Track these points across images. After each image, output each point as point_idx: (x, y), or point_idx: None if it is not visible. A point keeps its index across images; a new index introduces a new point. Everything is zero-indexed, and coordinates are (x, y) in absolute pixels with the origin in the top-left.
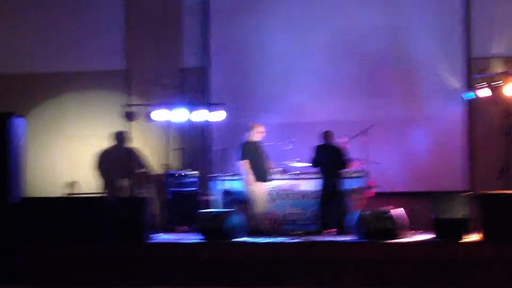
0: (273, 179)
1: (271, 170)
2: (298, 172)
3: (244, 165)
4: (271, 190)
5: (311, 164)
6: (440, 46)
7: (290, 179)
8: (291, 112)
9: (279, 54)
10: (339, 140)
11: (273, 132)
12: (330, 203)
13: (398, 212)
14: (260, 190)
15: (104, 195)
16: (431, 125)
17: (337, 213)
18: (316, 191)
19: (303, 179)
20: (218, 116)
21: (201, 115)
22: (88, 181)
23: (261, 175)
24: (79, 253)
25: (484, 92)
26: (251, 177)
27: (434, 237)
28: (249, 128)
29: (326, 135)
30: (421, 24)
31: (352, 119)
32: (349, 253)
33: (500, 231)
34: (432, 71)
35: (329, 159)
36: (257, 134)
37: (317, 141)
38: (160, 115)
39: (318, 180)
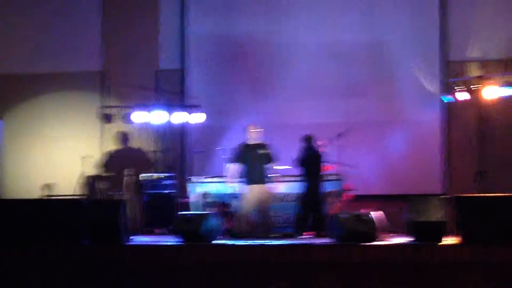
0: (271, 182)
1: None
2: (278, 174)
3: (230, 168)
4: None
5: (296, 164)
6: (417, 49)
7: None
8: (270, 114)
9: (259, 55)
10: (317, 143)
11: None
12: (311, 206)
13: (377, 214)
14: (249, 194)
15: (80, 197)
16: (408, 128)
17: (316, 216)
18: (293, 194)
19: (281, 181)
20: (197, 118)
21: (180, 117)
22: (65, 183)
23: (253, 178)
24: (53, 255)
25: (461, 96)
26: (233, 180)
27: (411, 240)
28: (245, 130)
29: (310, 138)
30: (399, 28)
31: (330, 121)
32: (327, 256)
33: (477, 233)
34: (409, 74)
35: (312, 162)
36: (252, 135)
37: (295, 144)
38: (137, 117)
39: (296, 183)
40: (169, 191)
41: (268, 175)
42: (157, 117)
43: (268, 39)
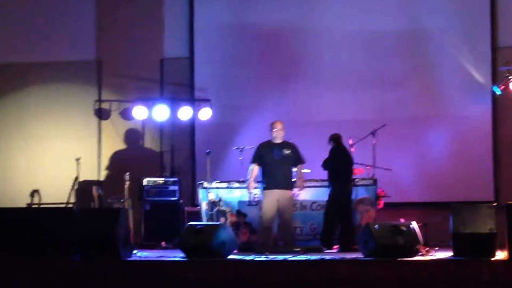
0: (294, 187)
1: (299, 175)
2: (295, 179)
3: (251, 169)
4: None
5: (323, 167)
6: (463, 34)
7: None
8: (289, 110)
9: (275, 42)
10: (348, 143)
11: (266, 132)
12: (339, 215)
13: (411, 225)
14: (268, 200)
15: (73, 205)
16: (452, 124)
17: (345, 227)
18: (319, 201)
19: (307, 187)
20: (207, 113)
21: (187, 113)
22: (56, 189)
23: (272, 182)
24: (41, 272)
25: None
26: (252, 182)
27: (453, 255)
28: (271, 127)
29: (338, 138)
30: (441, 11)
31: (361, 118)
32: (355, 273)
33: None
34: (454, 63)
35: (341, 164)
36: (278, 133)
37: (321, 144)
38: (136, 112)
39: (319, 189)
40: (176, 198)
41: (293, 180)
42: (162, 112)
43: (290, 27)
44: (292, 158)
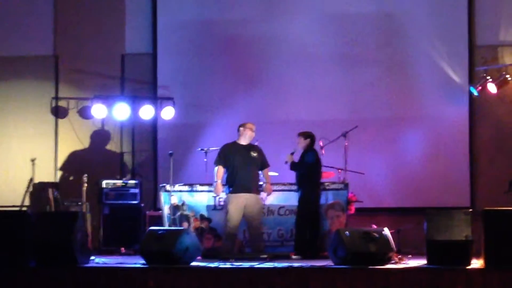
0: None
1: (267, 179)
2: (262, 183)
3: (216, 171)
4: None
5: (293, 169)
6: (439, 31)
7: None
8: (256, 110)
9: (241, 40)
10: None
11: (232, 134)
12: (308, 220)
13: (384, 232)
14: (234, 205)
15: (27, 208)
16: (426, 127)
17: (314, 233)
18: (287, 206)
19: (275, 190)
20: (167, 113)
21: (146, 112)
22: (9, 191)
23: (239, 186)
24: None
25: (492, 87)
26: (219, 185)
27: (427, 263)
28: (241, 128)
29: (311, 136)
30: (417, 6)
31: (332, 118)
32: (325, 282)
33: (509, 256)
34: (430, 61)
35: (312, 166)
36: (240, 134)
37: (288, 145)
38: (95, 111)
39: (287, 193)
40: (136, 201)
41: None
42: (122, 111)
43: (258, 25)
44: (259, 162)
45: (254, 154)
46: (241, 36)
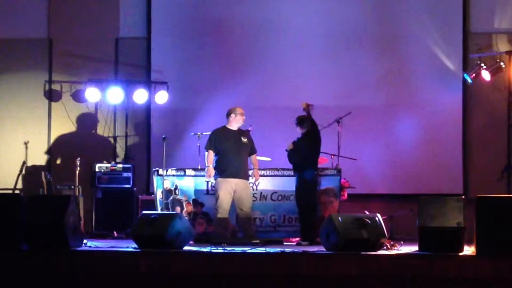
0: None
1: (255, 165)
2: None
3: (206, 156)
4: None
5: (293, 153)
6: (434, 18)
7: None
8: (249, 95)
9: (236, 24)
10: None
11: (225, 118)
12: (309, 204)
13: (376, 218)
14: (224, 189)
15: (20, 191)
16: (419, 114)
17: (305, 219)
18: (276, 192)
19: (263, 176)
20: (160, 97)
21: (140, 96)
22: (2, 174)
23: (228, 171)
24: None
25: (486, 74)
26: (210, 169)
27: (418, 250)
28: (230, 113)
29: (309, 120)
30: None
31: (325, 104)
32: (317, 267)
33: (502, 243)
34: (424, 48)
35: (311, 150)
36: (236, 119)
37: (281, 130)
38: (89, 94)
39: (280, 179)
40: (129, 185)
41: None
42: (116, 95)
43: (252, 10)
44: (249, 147)
45: (244, 140)
46: (236, 21)
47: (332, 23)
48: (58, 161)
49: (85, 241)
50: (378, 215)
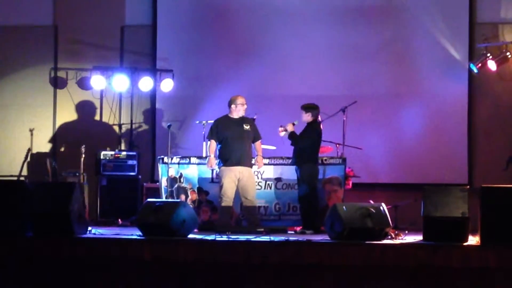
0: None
1: (259, 152)
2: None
3: (209, 146)
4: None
5: (296, 142)
6: (440, 7)
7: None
8: (255, 83)
9: (242, 12)
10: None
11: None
12: (312, 194)
13: (381, 208)
14: (228, 178)
15: (25, 178)
16: (425, 104)
17: (308, 208)
18: (281, 180)
19: (268, 164)
20: (166, 85)
21: (146, 84)
22: (7, 161)
23: (231, 159)
24: None
25: (492, 64)
26: (212, 159)
27: (423, 239)
28: (231, 101)
29: (315, 109)
30: None
31: (330, 93)
32: (321, 256)
33: (506, 233)
34: (430, 37)
35: (315, 140)
36: (234, 108)
37: (286, 119)
38: (94, 82)
39: (284, 167)
40: (134, 173)
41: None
42: (121, 82)
43: None
44: (252, 134)
45: (247, 127)
46: (243, 9)
47: (339, 12)
48: (63, 149)
49: (89, 228)
50: (383, 204)
